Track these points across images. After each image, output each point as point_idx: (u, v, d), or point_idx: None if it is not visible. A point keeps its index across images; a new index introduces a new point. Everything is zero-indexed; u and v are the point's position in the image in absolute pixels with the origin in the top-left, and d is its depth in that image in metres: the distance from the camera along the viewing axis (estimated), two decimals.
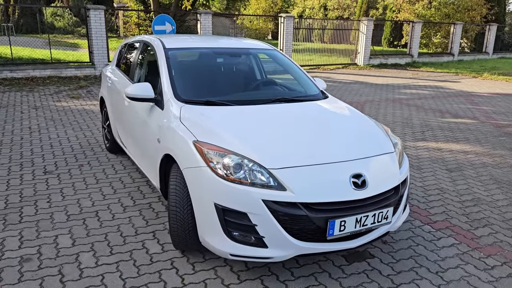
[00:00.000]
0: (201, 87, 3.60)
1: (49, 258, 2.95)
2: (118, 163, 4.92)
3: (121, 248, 3.12)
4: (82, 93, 9.39)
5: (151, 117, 3.48)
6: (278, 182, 2.54)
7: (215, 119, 3.04)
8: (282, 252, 2.57)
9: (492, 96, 11.23)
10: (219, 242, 2.62)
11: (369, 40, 16.96)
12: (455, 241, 3.40)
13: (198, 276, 2.81)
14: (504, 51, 23.97)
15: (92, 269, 2.84)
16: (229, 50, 4.15)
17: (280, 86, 4.00)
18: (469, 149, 6.08)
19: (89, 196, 4.00)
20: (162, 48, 3.79)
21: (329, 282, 2.80)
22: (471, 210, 4.00)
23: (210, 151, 2.67)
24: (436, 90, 11.97)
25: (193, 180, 2.70)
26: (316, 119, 3.30)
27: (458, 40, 20.71)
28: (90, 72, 11.68)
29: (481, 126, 7.61)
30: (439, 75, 15.76)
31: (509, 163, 5.49)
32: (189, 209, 2.79)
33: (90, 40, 11.63)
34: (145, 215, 3.66)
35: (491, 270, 3.02)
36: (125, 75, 4.45)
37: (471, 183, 4.72)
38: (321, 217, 2.50)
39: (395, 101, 9.88)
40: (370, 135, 3.15)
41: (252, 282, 2.76)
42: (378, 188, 2.69)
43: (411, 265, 3.03)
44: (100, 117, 7.18)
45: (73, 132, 6.18)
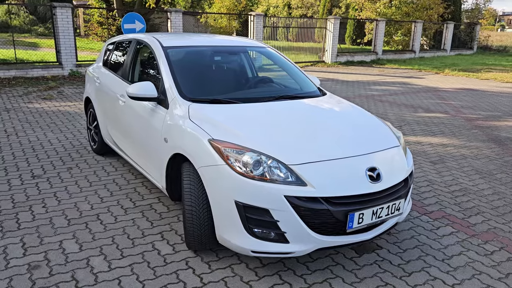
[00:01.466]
0: (205, 85, 3.58)
1: (58, 264, 2.85)
2: (108, 164, 4.80)
3: (131, 250, 3.06)
4: (53, 94, 9.06)
5: (154, 116, 3.43)
6: (298, 177, 2.57)
7: (226, 116, 3.04)
8: (303, 247, 2.61)
9: (456, 91, 11.74)
10: (240, 240, 2.63)
11: (336, 38, 17.29)
12: (453, 230, 3.56)
13: (216, 275, 2.81)
14: (460, 48, 25.07)
15: (106, 273, 2.77)
16: (228, 48, 4.14)
17: (278, 83, 4.04)
18: (447, 142, 6.35)
19: (85, 199, 3.88)
20: (160, 46, 3.73)
21: (345, 274, 2.86)
22: (461, 200, 4.19)
23: (228, 149, 2.67)
24: (404, 86, 12.38)
25: (211, 178, 2.69)
26: (322, 115, 3.37)
27: (418, 37, 21.49)
28: (58, 72, 11.27)
29: (453, 120, 7.96)
30: (404, 71, 16.29)
31: (486, 154, 5.78)
32: (205, 207, 2.78)
33: (57, 39, 11.21)
34: (148, 216, 3.60)
35: (491, 255, 3.19)
36: (117, 75, 4.35)
37: (455, 174, 4.94)
38: (341, 210, 2.56)
39: (369, 98, 10.14)
40: (377, 129, 3.24)
41: (271, 278, 2.79)
42: (391, 180, 2.78)
43: (418, 254, 3.15)
44: (79, 118, 6.97)
45: (53, 134, 5.96)
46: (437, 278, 2.86)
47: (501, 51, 26.91)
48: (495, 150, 6.00)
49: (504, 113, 8.74)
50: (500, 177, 4.89)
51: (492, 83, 13.67)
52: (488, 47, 27.37)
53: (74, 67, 11.45)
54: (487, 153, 5.86)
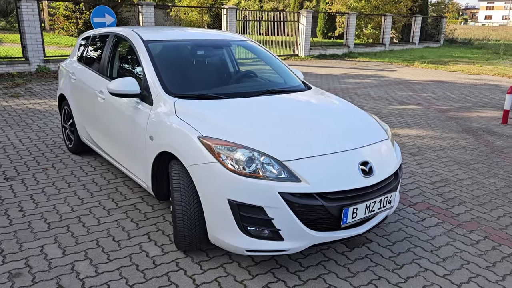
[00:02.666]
0: (189, 80, 3.48)
1: (41, 270, 2.71)
2: (86, 164, 4.63)
3: (118, 253, 2.95)
4: (20, 91, 8.68)
5: (137, 113, 3.30)
6: (292, 173, 2.53)
7: (214, 112, 2.96)
8: (297, 244, 2.57)
9: (427, 83, 12.00)
10: (234, 239, 2.57)
11: (309, 31, 17.36)
12: (439, 220, 3.61)
13: (208, 275, 2.74)
14: (428, 41, 25.66)
15: (93, 278, 2.66)
16: (210, 42, 4.04)
17: (262, 78, 3.98)
18: (424, 134, 6.47)
19: (65, 201, 3.72)
20: (141, 40, 3.60)
21: (338, 269, 2.85)
22: (443, 191, 4.26)
23: (219, 146, 2.60)
24: (377, 79, 12.55)
25: (202, 177, 2.62)
26: (310, 109, 3.33)
27: (388, 31, 21.86)
28: (25, 69, 10.81)
29: (427, 112, 8.12)
30: (375, 64, 16.53)
31: (462, 145, 5.92)
32: (196, 207, 2.70)
33: (23, 33, 10.74)
34: (133, 217, 3.48)
35: (477, 244, 3.25)
36: (94, 71, 4.18)
37: (435, 165, 5.03)
38: (336, 205, 2.54)
39: (343, 91, 10.23)
40: (365, 123, 3.24)
41: (265, 276, 2.75)
42: (382, 174, 2.78)
43: (407, 246, 3.18)
44: (51, 116, 6.70)
45: (23, 133, 5.70)
46: (428, 269, 2.89)
47: (466, 43, 27.73)
48: (470, 141, 6.15)
49: (474, 104, 8.99)
50: (477, 167, 5.01)
51: (460, 75, 14.06)
52: (454, 40, 28.14)
53: (42, 62, 11.01)
54: (463, 143, 6.00)
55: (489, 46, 26.31)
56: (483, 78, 13.28)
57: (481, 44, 28.38)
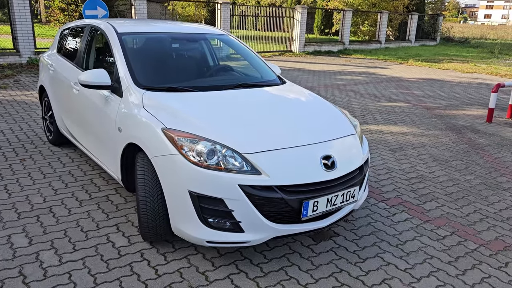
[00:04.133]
0: (160, 73, 3.49)
1: (5, 259, 2.73)
2: (64, 155, 4.65)
3: (84, 243, 2.97)
4: (9, 82, 8.67)
5: (108, 105, 3.32)
6: (253, 166, 2.55)
7: (181, 105, 2.97)
8: (258, 236, 2.60)
9: (419, 81, 12.02)
10: (194, 230, 2.59)
11: (304, 27, 17.34)
12: (408, 216, 3.64)
13: (171, 266, 2.76)
14: (424, 39, 25.67)
15: (56, 267, 2.68)
16: (185, 36, 4.05)
17: (237, 71, 3.99)
18: (407, 131, 6.50)
19: (38, 191, 3.74)
20: (115, 32, 3.61)
21: (301, 262, 2.88)
22: (417, 187, 4.29)
23: (181, 138, 2.62)
24: (369, 76, 12.57)
25: (165, 168, 2.64)
26: (280, 103, 3.35)
27: (384, 28, 21.85)
28: (15, 60, 10.79)
29: (414, 109, 8.14)
30: (369, 61, 16.54)
31: (443, 142, 5.95)
32: (159, 198, 2.72)
33: (14, 25, 10.72)
34: (104, 208, 3.50)
35: (443, 239, 3.28)
36: (71, 62, 4.18)
37: (413, 162, 5.06)
38: (295, 199, 2.56)
39: (334, 87, 10.24)
40: (332, 118, 3.26)
41: (227, 268, 2.77)
42: (345, 168, 2.81)
43: (373, 241, 3.21)
44: (36, 108, 6.70)
45: (6, 124, 5.71)
46: (390, 263, 2.92)
47: (463, 42, 27.73)
48: (452, 138, 6.18)
49: (462, 102, 9.02)
50: (455, 164, 5.04)
51: (452, 73, 14.08)
52: (450, 38, 28.14)
53: (33, 54, 10.99)
54: (444, 141, 6.03)
55: (485, 45, 26.32)
56: (475, 77, 13.30)
57: (478, 43, 28.38)
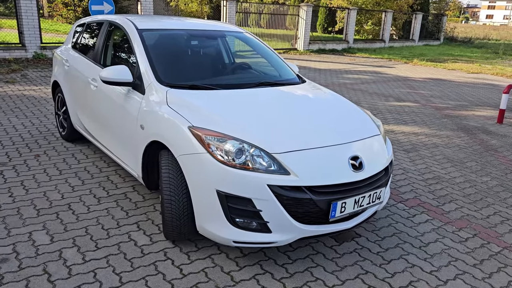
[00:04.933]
0: (182, 70, 3.45)
1: (28, 257, 2.70)
2: (78, 152, 4.61)
3: (106, 241, 2.94)
4: (16, 77, 8.62)
5: (129, 102, 3.28)
6: (281, 166, 2.52)
7: (206, 103, 2.94)
8: (285, 236, 2.57)
9: (425, 80, 11.98)
10: (221, 230, 2.56)
11: (309, 25, 17.28)
12: (429, 217, 3.62)
13: (195, 265, 2.74)
14: (428, 38, 25.61)
15: (80, 265, 2.65)
16: (204, 33, 4.01)
17: (256, 70, 3.96)
18: (419, 131, 6.47)
19: (55, 188, 3.71)
20: (135, 29, 3.57)
21: (326, 263, 2.86)
22: (435, 188, 4.27)
23: (209, 137, 2.59)
24: (375, 75, 12.53)
25: (191, 167, 2.61)
26: (303, 103, 3.32)
27: (388, 27, 21.79)
28: (21, 55, 10.74)
29: (423, 109, 8.11)
30: (374, 60, 16.49)
31: (456, 143, 5.93)
32: (185, 197, 2.69)
33: (20, 19, 10.65)
34: (123, 205, 3.47)
35: (466, 242, 3.26)
36: (88, 58, 4.14)
37: (428, 163, 5.03)
38: (324, 199, 2.54)
39: (341, 86, 10.20)
40: (357, 118, 3.23)
41: (252, 268, 2.75)
42: (373, 169, 2.78)
43: (396, 242, 3.19)
44: (46, 103, 6.66)
45: (17, 119, 5.67)
46: (415, 265, 2.90)
47: (466, 42, 27.68)
48: (464, 139, 6.15)
49: (471, 103, 8.99)
50: (470, 165, 5.01)
51: (458, 73, 14.04)
52: (454, 38, 28.08)
53: (39, 49, 10.93)
54: (457, 141, 6.01)
55: (489, 46, 26.28)
56: (481, 77, 13.27)
57: (481, 43, 28.34)
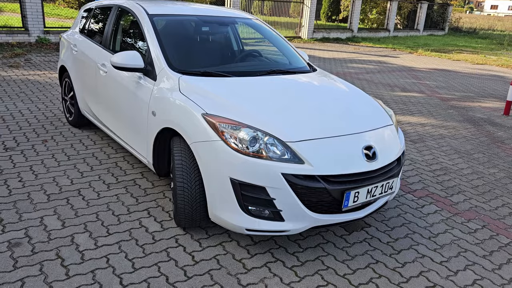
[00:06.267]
0: (194, 57, 3.42)
1: (41, 241, 2.71)
2: (86, 137, 4.60)
3: (117, 227, 2.95)
4: (20, 61, 8.57)
5: (140, 88, 3.26)
6: (295, 155, 2.51)
7: (219, 90, 2.92)
8: (298, 225, 2.57)
9: (430, 71, 11.92)
10: (234, 217, 2.56)
11: (313, 13, 17.13)
12: (437, 208, 3.62)
13: (207, 252, 2.75)
14: (433, 28, 25.42)
15: (93, 251, 2.66)
16: (215, 19, 3.96)
17: (267, 57, 3.92)
18: (425, 122, 6.45)
19: (64, 173, 3.71)
20: (146, 14, 3.53)
21: (336, 252, 2.87)
22: (443, 179, 4.27)
23: (223, 124, 2.57)
24: (380, 64, 12.46)
25: (205, 154, 2.60)
26: (316, 91, 3.30)
27: (393, 16, 21.60)
28: (24, 39, 10.66)
29: (429, 100, 8.08)
30: (378, 50, 16.38)
31: (463, 134, 5.91)
32: (197, 184, 2.69)
33: (23, 3, 10.54)
34: (133, 192, 3.47)
35: (475, 233, 3.27)
36: (97, 43, 4.11)
37: (435, 154, 5.02)
38: (338, 189, 2.53)
39: (346, 75, 10.15)
40: (370, 108, 3.21)
41: (263, 256, 2.76)
42: (386, 159, 2.77)
43: (405, 232, 3.19)
44: (51, 88, 6.63)
45: (23, 104, 5.65)
46: (425, 255, 2.91)
47: (471, 33, 27.49)
48: (471, 131, 6.14)
49: (477, 94, 8.95)
50: (478, 157, 5.01)
51: (463, 64, 13.96)
52: (458, 28, 27.87)
53: (42, 33, 10.85)
54: (464, 133, 5.99)
55: (494, 37, 26.10)
56: (486, 68, 13.20)
57: (486, 34, 28.13)
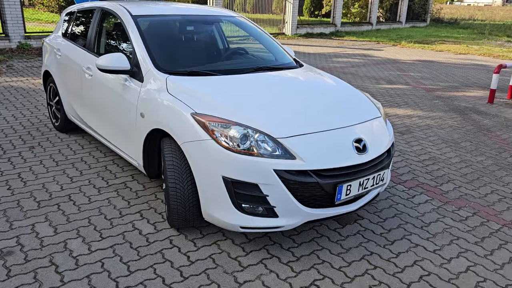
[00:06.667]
0: (180, 57, 3.40)
1: (34, 249, 2.68)
2: (73, 142, 4.55)
3: (110, 231, 2.92)
4: (1, 68, 8.43)
5: (127, 90, 3.23)
6: (286, 150, 2.52)
7: (207, 89, 2.91)
8: (292, 220, 2.58)
9: (414, 62, 12.03)
10: (228, 216, 2.56)
11: (296, 9, 17.15)
12: (428, 198, 3.67)
13: (202, 252, 2.74)
14: (415, 20, 25.63)
15: (87, 256, 2.64)
16: (200, 18, 3.94)
17: (253, 55, 3.92)
18: (412, 113, 6.52)
19: (54, 179, 3.66)
20: (130, 15, 3.50)
21: (331, 245, 2.89)
22: (432, 168, 4.32)
23: (213, 123, 2.57)
24: (365, 58, 12.54)
25: (196, 154, 2.59)
26: (303, 87, 3.31)
27: (376, 9, 21.75)
28: (5, 45, 10.48)
29: (415, 91, 8.16)
30: (362, 43, 16.48)
31: (449, 124, 5.99)
32: (189, 184, 2.68)
33: (2, 9, 10.36)
34: (124, 195, 3.45)
35: (466, 220, 3.32)
36: (81, 46, 4.06)
37: (423, 144, 5.08)
38: (330, 183, 2.55)
39: (332, 70, 10.19)
40: (358, 101, 3.23)
41: (259, 253, 2.76)
42: (376, 151, 2.79)
43: (397, 223, 3.23)
44: (35, 94, 6.53)
45: (7, 111, 5.56)
46: (419, 245, 2.94)
47: (452, 23, 27.79)
48: (457, 120, 6.22)
49: (461, 84, 9.07)
50: (465, 145, 5.08)
51: (446, 54, 14.12)
52: (440, 19, 28.16)
53: (23, 39, 10.68)
54: (450, 122, 6.07)
55: (474, 26, 26.42)
56: (469, 58, 13.37)
57: (467, 24, 28.46)
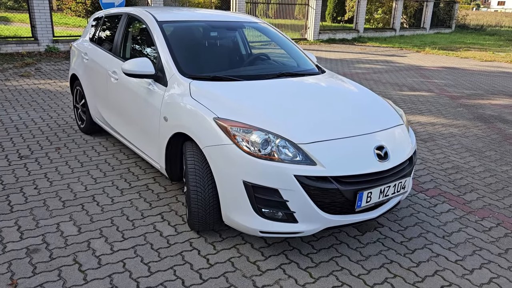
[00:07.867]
0: (203, 62, 3.46)
1: (58, 247, 2.75)
2: (98, 144, 4.65)
3: (132, 232, 2.98)
4: (30, 71, 8.69)
5: (151, 94, 3.30)
6: (307, 156, 2.53)
7: (230, 95, 2.95)
8: (311, 226, 2.59)
9: (438, 69, 11.86)
10: (248, 220, 2.59)
11: (319, 15, 17.14)
12: (450, 207, 3.61)
13: (221, 255, 2.77)
14: (439, 26, 25.28)
15: (109, 255, 2.70)
16: (223, 24, 4.00)
17: (275, 60, 3.95)
18: (435, 120, 6.42)
19: (78, 180, 3.76)
20: (155, 21, 3.58)
21: (350, 252, 2.87)
22: (455, 177, 4.25)
23: (235, 128, 2.60)
24: (387, 64, 12.42)
25: (217, 158, 2.62)
26: (325, 93, 3.31)
27: (399, 15, 21.53)
28: (34, 48, 10.81)
29: (438, 98, 8.04)
30: (385, 49, 16.34)
31: (473, 132, 5.88)
32: (210, 188, 2.72)
33: (32, 13, 10.70)
34: (146, 197, 3.51)
35: (489, 231, 3.25)
36: (107, 51, 4.16)
37: (446, 152, 5.00)
38: (351, 189, 2.54)
39: (354, 76, 10.14)
40: (380, 108, 3.22)
41: (277, 258, 2.77)
42: (397, 159, 2.78)
43: (418, 232, 3.19)
44: (62, 96, 6.72)
45: (35, 113, 5.73)
46: (440, 254, 2.90)
47: (478, 30, 27.29)
48: (482, 128, 6.10)
49: (486, 92, 8.89)
50: (489, 155, 4.98)
51: (471, 61, 13.87)
52: (465, 26, 27.69)
53: (51, 42, 11.00)
54: (474, 131, 5.96)
55: (501, 33, 25.89)
56: (495, 65, 13.10)
57: (494, 30, 27.91)
